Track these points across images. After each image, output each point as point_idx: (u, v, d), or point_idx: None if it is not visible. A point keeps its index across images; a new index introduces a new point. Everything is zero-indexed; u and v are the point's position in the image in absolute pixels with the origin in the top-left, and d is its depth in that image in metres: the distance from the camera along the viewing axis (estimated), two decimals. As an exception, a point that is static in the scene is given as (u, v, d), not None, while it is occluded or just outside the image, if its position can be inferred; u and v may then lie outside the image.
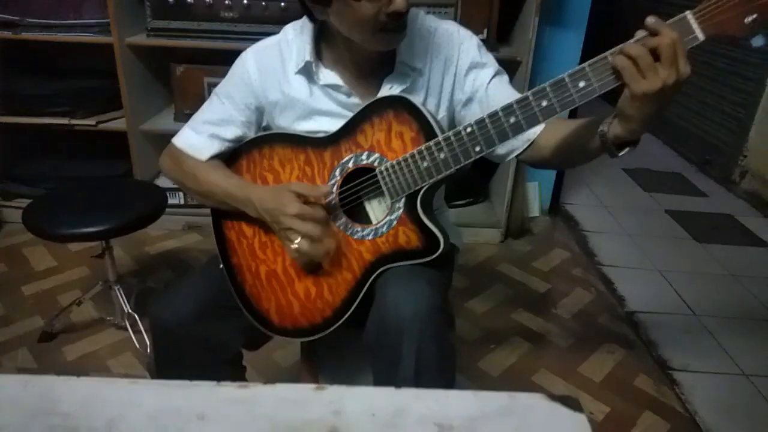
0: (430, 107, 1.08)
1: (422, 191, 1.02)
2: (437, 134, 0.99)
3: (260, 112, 1.16)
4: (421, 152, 0.99)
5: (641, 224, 2.88)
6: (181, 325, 1.07)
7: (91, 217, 1.67)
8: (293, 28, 1.13)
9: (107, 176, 2.57)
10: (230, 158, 1.17)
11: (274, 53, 1.12)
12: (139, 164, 2.50)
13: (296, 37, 1.11)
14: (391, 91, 1.08)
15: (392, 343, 0.95)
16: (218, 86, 1.17)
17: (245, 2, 2.23)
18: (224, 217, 1.18)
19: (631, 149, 0.89)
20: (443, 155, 0.98)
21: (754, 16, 0.78)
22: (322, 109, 1.11)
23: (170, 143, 1.19)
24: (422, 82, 1.10)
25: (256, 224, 1.14)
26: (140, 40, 2.34)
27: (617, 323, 2.12)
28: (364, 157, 1.06)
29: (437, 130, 0.99)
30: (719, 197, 3.25)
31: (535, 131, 1.05)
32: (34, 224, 1.66)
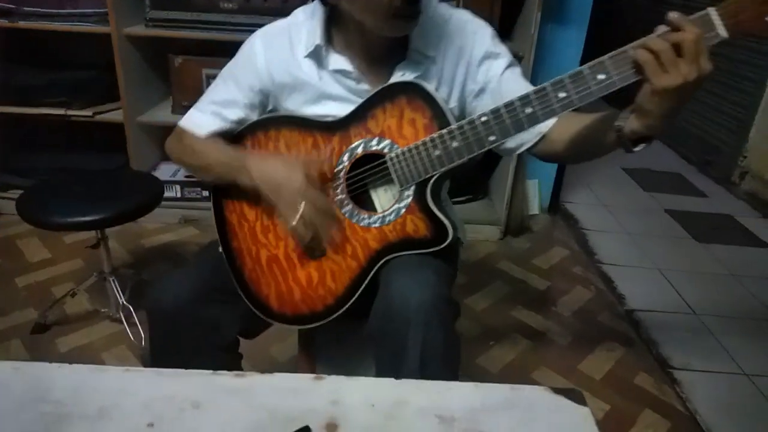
0: (441, 96, 1.06)
1: (432, 180, 1.01)
2: (451, 122, 0.98)
3: (264, 95, 1.14)
4: (433, 140, 0.98)
5: (641, 223, 2.87)
6: (178, 307, 1.05)
7: (86, 206, 1.65)
8: (303, 11, 1.12)
9: (104, 169, 2.55)
10: (234, 139, 1.15)
11: (283, 36, 1.10)
12: (136, 156, 2.48)
13: (306, 20, 1.10)
14: (403, 78, 1.06)
15: (397, 331, 0.94)
16: (225, 67, 1.16)
17: (245, -7, 2.22)
18: (226, 198, 1.16)
19: (646, 145, 0.89)
20: (456, 144, 0.97)
21: None
22: (331, 93, 1.10)
23: (176, 125, 1.18)
24: (435, 70, 1.08)
25: (258, 207, 1.12)
26: (138, 30, 2.31)
27: (617, 321, 2.10)
28: (374, 143, 1.04)
29: (451, 118, 0.98)
30: (719, 198, 3.24)
31: (547, 124, 1.04)
32: (28, 213, 1.64)
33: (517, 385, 0.80)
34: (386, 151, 1.03)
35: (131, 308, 1.83)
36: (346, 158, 1.06)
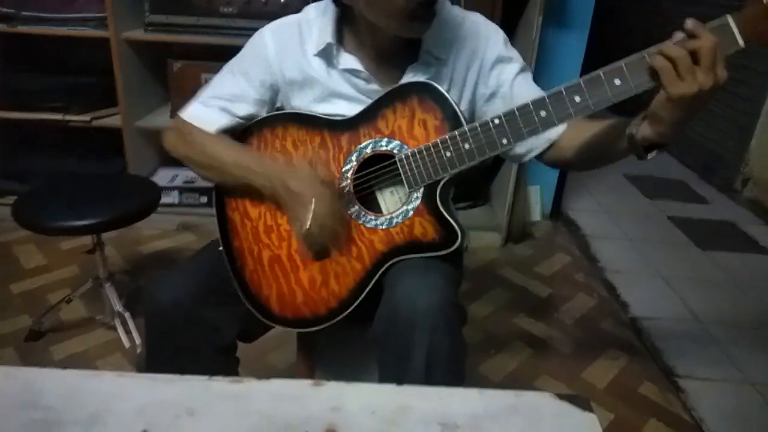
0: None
1: (442, 182, 1.00)
2: (464, 124, 0.96)
3: (275, 90, 1.12)
4: (445, 141, 0.97)
5: (643, 230, 2.85)
6: (176, 305, 1.02)
7: (82, 210, 1.63)
8: (315, 8, 1.10)
9: (100, 174, 2.53)
10: (240, 136, 1.13)
11: (293, 31, 1.09)
12: (134, 162, 2.46)
13: (318, 17, 1.08)
14: (414, 79, 1.05)
15: (403, 335, 0.91)
16: (230, 62, 1.13)
17: (245, -2, 2.21)
18: (228, 196, 1.13)
19: (659, 152, 0.88)
20: (468, 146, 0.95)
21: None
22: (341, 92, 1.08)
23: (176, 117, 1.14)
24: (446, 72, 1.07)
25: (262, 206, 1.09)
26: (137, 34, 2.30)
27: (621, 329, 2.07)
28: (383, 143, 1.03)
29: (463, 119, 0.97)
30: (721, 205, 3.22)
31: (557, 131, 1.03)
32: (23, 217, 1.61)
33: (520, 391, 0.78)
34: (395, 152, 1.01)
35: (126, 315, 1.80)
36: (354, 158, 1.05)
